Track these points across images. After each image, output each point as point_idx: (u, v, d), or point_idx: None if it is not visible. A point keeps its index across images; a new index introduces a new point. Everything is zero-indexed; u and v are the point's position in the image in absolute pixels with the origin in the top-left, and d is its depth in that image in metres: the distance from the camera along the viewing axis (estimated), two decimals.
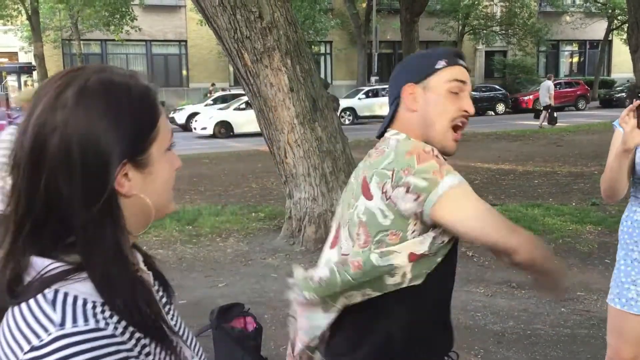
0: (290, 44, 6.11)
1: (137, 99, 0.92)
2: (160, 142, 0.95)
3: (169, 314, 1.06)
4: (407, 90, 1.63)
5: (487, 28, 33.40)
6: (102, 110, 0.87)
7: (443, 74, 1.60)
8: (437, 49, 1.68)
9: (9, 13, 25.05)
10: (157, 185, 0.95)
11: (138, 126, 0.91)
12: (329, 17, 30.66)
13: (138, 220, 0.95)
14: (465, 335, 4.29)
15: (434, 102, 1.60)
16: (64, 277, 0.85)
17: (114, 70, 0.94)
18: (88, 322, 0.81)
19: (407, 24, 17.18)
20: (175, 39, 33.04)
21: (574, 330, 4.33)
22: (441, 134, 1.62)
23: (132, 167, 0.90)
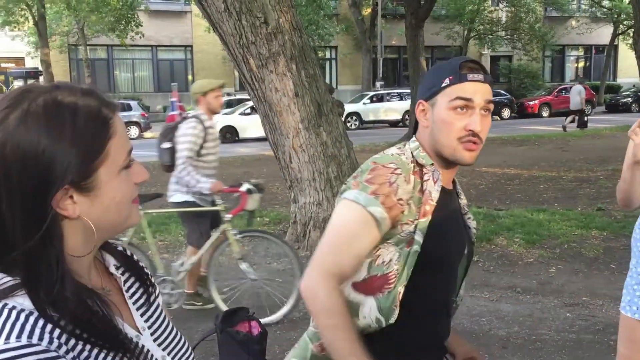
0: (295, 49, 6.13)
1: (82, 123, 0.91)
2: (110, 164, 0.94)
3: (144, 315, 1.08)
4: (419, 107, 1.65)
5: (492, 33, 33.38)
6: (43, 135, 0.88)
7: (447, 93, 1.58)
8: (451, 63, 1.63)
9: (16, 19, 25.20)
10: (107, 205, 0.95)
11: (81, 151, 0.90)
12: (334, 23, 30.72)
13: (84, 241, 0.96)
14: (470, 340, 4.28)
15: (439, 122, 1.60)
16: (12, 290, 0.87)
17: (67, 89, 0.93)
18: (20, 338, 0.83)
19: (412, 29, 17.18)
20: (181, 44, 33.16)
21: (579, 335, 4.32)
22: (450, 150, 1.61)
23: (75, 191, 0.91)
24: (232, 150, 17.84)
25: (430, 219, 1.57)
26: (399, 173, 1.55)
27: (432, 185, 1.61)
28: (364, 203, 1.51)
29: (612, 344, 4.12)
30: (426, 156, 1.63)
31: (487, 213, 7.89)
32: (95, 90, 0.97)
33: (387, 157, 1.60)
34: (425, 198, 1.58)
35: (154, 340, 1.07)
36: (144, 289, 1.11)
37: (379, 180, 1.53)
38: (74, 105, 0.92)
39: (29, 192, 0.87)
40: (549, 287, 5.30)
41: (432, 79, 1.63)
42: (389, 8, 33.26)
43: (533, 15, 33.03)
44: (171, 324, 1.15)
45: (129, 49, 28.97)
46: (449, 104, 1.57)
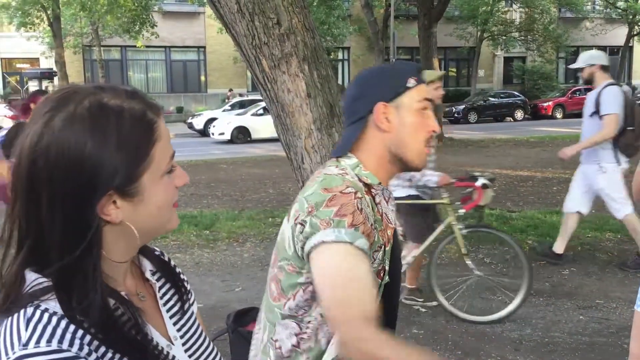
0: (307, 50, 6.12)
1: (127, 127, 0.89)
2: (154, 169, 0.92)
3: (177, 324, 1.06)
4: (379, 110, 1.51)
5: (506, 34, 33.22)
6: (88, 139, 0.85)
7: (414, 93, 1.52)
8: (401, 64, 1.58)
9: (32, 20, 25.43)
10: (150, 210, 0.93)
11: (127, 156, 0.88)
12: (347, 24, 30.72)
13: (125, 246, 0.94)
14: (483, 342, 4.27)
15: (409, 125, 1.51)
16: (46, 292, 0.86)
17: (111, 91, 0.91)
18: (51, 343, 0.82)
19: (425, 30, 17.14)
20: (194, 45, 33.30)
21: (592, 338, 4.28)
22: (417, 153, 1.53)
23: (119, 196, 0.89)
24: (244, 151, 17.89)
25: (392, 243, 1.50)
26: (360, 197, 1.43)
27: (385, 206, 1.53)
28: (350, 239, 1.35)
29: (626, 347, 4.07)
30: (370, 174, 1.52)
31: (500, 215, 7.86)
32: (138, 92, 0.94)
33: (335, 179, 1.45)
34: (384, 222, 1.50)
35: (185, 350, 1.04)
36: (179, 297, 1.09)
37: (349, 210, 1.38)
38: (120, 108, 0.89)
39: (71, 197, 0.85)
40: (562, 290, 5.27)
41: (389, 79, 1.53)
42: (401, 9, 33.19)
43: (547, 16, 32.84)
44: (204, 334, 1.12)
45: (142, 49, 29.13)
46: (416, 105, 1.51)
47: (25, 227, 0.87)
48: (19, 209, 0.87)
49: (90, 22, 26.70)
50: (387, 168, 1.54)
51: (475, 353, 4.10)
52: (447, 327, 4.55)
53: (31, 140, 0.86)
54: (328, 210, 1.38)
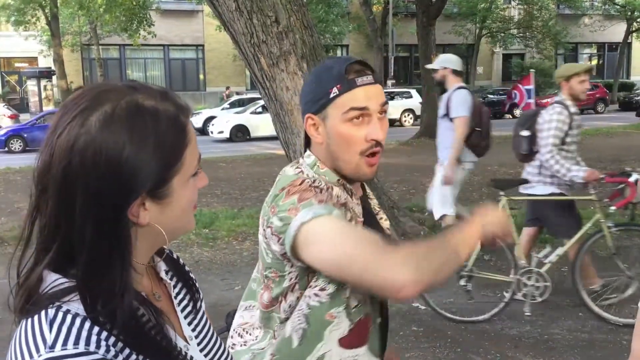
0: (306, 47, 6.13)
1: (163, 129, 0.88)
2: (184, 172, 0.91)
3: (191, 324, 1.05)
4: (308, 122, 1.46)
5: (504, 31, 33.23)
6: (125, 141, 0.84)
7: (338, 104, 1.39)
8: (334, 67, 1.42)
9: (28, 19, 25.42)
10: (175, 212, 0.92)
11: (162, 160, 0.87)
12: (346, 21, 30.71)
13: (149, 247, 0.94)
14: (482, 339, 4.27)
15: (335, 136, 1.41)
16: (68, 293, 0.85)
17: (145, 91, 0.90)
18: (78, 345, 0.81)
19: (423, 28, 17.13)
20: (192, 43, 33.29)
21: (591, 335, 4.29)
22: (351, 166, 1.43)
23: (149, 198, 0.88)
24: (243, 149, 17.88)
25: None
26: (317, 185, 1.39)
27: (350, 201, 1.45)
28: (326, 212, 1.30)
29: (625, 343, 4.09)
30: (328, 172, 1.46)
31: None
32: (169, 93, 0.93)
33: (290, 177, 1.43)
34: (353, 216, 1.43)
35: (201, 350, 1.04)
36: (191, 296, 1.08)
37: (309, 194, 1.34)
38: (155, 109, 0.88)
39: (106, 199, 0.83)
40: (561, 286, 5.26)
41: (315, 89, 1.43)
42: (400, 6, 33.19)
43: (546, 13, 32.83)
44: (214, 332, 1.12)
45: (141, 48, 29.11)
46: (342, 117, 1.39)
47: (55, 226, 0.85)
48: (51, 209, 0.85)
49: (88, 20, 26.69)
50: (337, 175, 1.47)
51: (474, 350, 4.11)
52: (447, 324, 4.55)
53: (67, 140, 0.84)
54: (289, 200, 1.35)
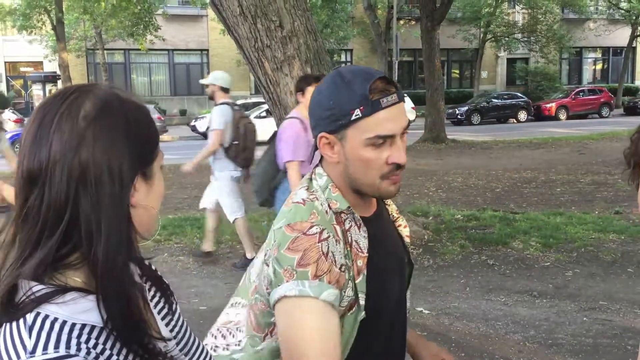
0: (310, 52, 6.15)
1: (145, 116, 0.96)
2: (159, 158, 0.98)
3: (169, 325, 1.07)
4: (322, 141, 1.35)
5: (509, 35, 33.22)
6: (123, 125, 0.90)
7: (361, 127, 1.29)
8: (356, 83, 1.29)
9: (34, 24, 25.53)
10: (155, 198, 0.97)
11: (147, 140, 0.95)
12: (350, 26, 30.75)
13: (142, 230, 0.96)
14: (486, 344, 4.27)
15: (355, 160, 1.33)
16: (46, 299, 0.86)
17: (117, 88, 0.97)
18: (58, 349, 0.82)
19: (428, 32, 17.15)
20: (197, 48, 33.37)
21: (596, 339, 4.28)
22: (372, 188, 1.36)
23: (141, 177, 0.93)
24: None
25: (365, 274, 1.35)
26: (326, 237, 1.29)
27: (356, 232, 1.36)
28: (315, 293, 1.24)
29: (630, 348, 4.08)
30: (340, 197, 1.37)
31: (503, 216, 7.84)
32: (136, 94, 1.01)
33: (301, 212, 1.32)
34: (354, 252, 1.34)
35: (180, 350, 1.07)
36: (166, 298, 1.10)
37: (312, 258, 1.26)
38: (133, 101, 0.96)
39: (115, 180, 0.88)
40: (565, 291, 5.26)
41: (333, 106, 1.31)
42: (404, 11, 33.21)
43: (550, 17, 32.82)
44: (193, 333, 1.14)
45: (146, 53, 29.20)
46: (364, 141, 1.30)
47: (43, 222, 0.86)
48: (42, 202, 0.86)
49: (93, 25, 26.79)
50: (353, 194, 1.39)
51: (478, 355, 4.10)
52: (451, 328, 4.55)
53: (66, 130, 0.86)
54: (290, 257, 1.27)
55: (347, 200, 1.37)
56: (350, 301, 1.32)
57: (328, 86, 1.34)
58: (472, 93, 32.89)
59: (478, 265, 6.03)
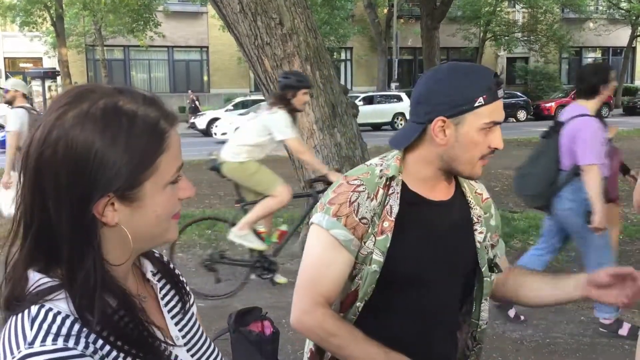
0: (310, 50, 6.15)
1: (137, 133, 0.89)
2: (158, 178, 0.92)
3: (179, 324, 1.07)
4: (437, 124, 1.47)
5: (509, 34, 33.22)
6: (97, 138, 0.86)
7: (480, 113, 1.45)
8: (478, 74, 1.47)
9: (34, 20, 25.49)
10: (148, 218, 0.93)
11: (132, 162, 0.89)
12: (350, 24, 30.73)
13: (120, 249, 0.94)
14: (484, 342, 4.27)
15: (464, 143, 1.48)
16: (50, 292, 0.87)
17: (129, 95, 0.92)
18: (56, 342, 0.83)
19: (428, 31, 17.17)
20: (196, 45, 33.34)
21: (593, 339, 4.28)
22: (469, 168, 1.53)
23: (118, 199, 0.89)
24: None
25: (391, 236, 1.50)
26: (361, 190, 1.51)
27: (395, 199, 1.52)
28: (326, 226, 1.50)
29: (627, 347, 4.08)
30: (395, 166, 1.54)
31: (502, 215, 7.83)
32: (157, 100, 0.95)
33: (359, 170, 1.58)
34: (384, 214, 1.51)
35: (187, 350, 1.06)
36: (180, 297, 1.10)
37: (340, 200, 1.51)
38: (133, 113, 0.90)
39: (76, 194, 0.86)
40: None
41: (455, 93, 1.45)
42: (404, 9, 33.22)
43: (550, 17, 32.82)
44: (205, 334, 1.13)
45: (146, 49, 29.17)
46: (481, 125, 1.46)
47: (30, 216, 0.88)
48: (26, 199, 0.89)
49: (93, 21, 26.75)
50: (436, 173, 1.55)
51: None
52: None
53: (42, 132, 0.87)
54: (329, 195, 1.54)
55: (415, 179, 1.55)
56: (369, 252, 1.50)
57: (448, 76, 1.49)
58: None
59: None
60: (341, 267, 1.51)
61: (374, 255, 1.49)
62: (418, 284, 1.55)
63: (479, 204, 1.67)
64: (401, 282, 1.54)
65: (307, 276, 1.54)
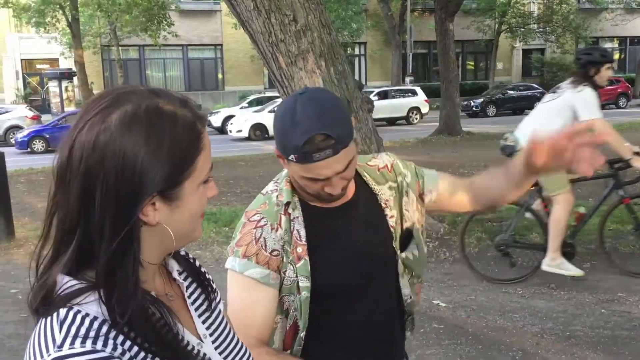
0: (324, 46, 6.14)
1: (180, 133, 0.92)
2: (195, 178, 0.94)
3: (206, 322, 1.08)
4: (277, 156, 1.53)
5: (524, 26, 32.92)
6: (143, 141, 0.87)
7: (294, 168, 1.47)
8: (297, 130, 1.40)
9: (50, 21, 25.71)
10: (184, 216, 0.95)
11: (175, 163, 0.90)
12: (364, 18, 30.64)
13: (158, 248, 0.96)
14: (504, 336, 4.26)
15: (297, 179, 1.51)
16: (78, 295, 0.88)
17: (166, 97, 0.94)
18: (85, 344, 0.84)
19: (442, 24, 17.04)
20: (210, 43, 33.44)
21: (614, 331, 4.25)
22: (312, 198, 1.54)
23: (160, 199, 0.91)
24: (262, 148, 17.95)
25: (307, 259, 1.49)
26: (263, 224, 1.50)
27: (299, 223, 1.52)
28: (240, 270, 1.49)
29: None
30: (287, 191, 1.55)
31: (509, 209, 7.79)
32: (189, 101, 0.97)
33: (257, 202, 1.57)
34: (294, 241, 1.50)
35: (216, 348, 1.06)
36: (206, 295, 1.11)
37: (246, 241, 1.50)
38: (174, 114, 0.92)
39: (123, 196, 0.87)
40: (583, 283, 5.23)
41: (281, 140, 1.46)
42: (418, 2, 33.07)
43: (566, 7, 32.46)
44: (233, 331, 1.14)
45: (160, 48, 29.30)
46: (300, 176, 1.47)
47: (76, 221, 0.88)
48: (72, 204, 0.88)
49: (108, 21, 26.93)
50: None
51: (496, 347, 4.09)
52: (467, 321, 4.54)
53: (88, 136, 0.87)
54: (236, 237, 1.53)
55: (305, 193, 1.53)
56: (294, 283, 1.50)
57: (281, 118, 1.46)
58: (487, 85, 32.68)
59: (494, 258, 6.00)
60: (266, 305, 1.50)
61: (300, 283, 1.49)
62: (350, 290, 1.57)
63: (385, 181, 1.65)
64: (333, 296, 1.55)
65: (235, 323, 1.39)
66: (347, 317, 1.57)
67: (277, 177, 1.62)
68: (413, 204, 1.67)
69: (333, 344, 1.56)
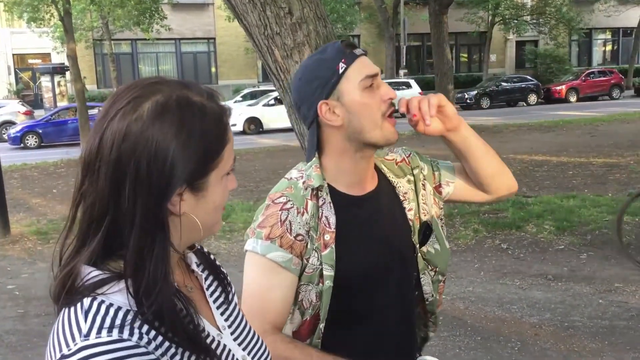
0: (320, 39, 6.09)
1: (210, 124, 0.93)
2: (220, 169, 0.95)
3: (224, 314, 1.08)
4: (322, 109, 1.46)
5: (517, 18, 32.90)
6: (174, 132, 0.88)
7: (350, 76, 1.44)
8: (326, 49, 1.49)
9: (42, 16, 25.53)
10: (208, 207, 0.96)
11: (204, 153, 0.91)
12: (357, 11, 30.57)
13: (184, 238, 0.96)
14: (502, 327, 4.27)
15: (356, 110, 1.45)
16: (102, 285, 0.88)
17: (195, 89, 0.94)
18: (111, 333, 0.84)
19: (436, 16, 17.01)
20: (204, 36, 33.31)
21: (612, 321, 4.27)
22: (378, 132, 1.47)
23: (188, 189, 0.91)
24: (257, 142, 17.91)
25: (334, 247, 1.46)
26: (289, 207, 1.46)
27: (329, 209, 1.48)
28: (261, 252, 1.44)
29: None
30: (317, 176, 1.50)
31: (515, 200, 7.81)
32: (215, 93, 0.98)
33: (282, 185, 1.53)
34: (322, 227, 1.47)
35: (234, 339, 1.07)
36: (223, 288, 1.12)
37: (270, 222, 1.45)
38: (203, 105, 0.93)
39: (153, 184, 0.87)
40: (580, 274, 5.25)
41: (317, 75, 1.46)
42: None
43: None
44: (249, 324, 1.14)
45: (153, 42, 29.14)
46: (359, 85, 1.44)
47: (104, 210, 0.88)
48: (101, 192, 0.88)
49: (100, 16, 26.76)
50: (354, 159, 1.50)
51: (494, 338, 4.11)
52: (466, 312, 4.55)
53: (119, 125, 0.87)
54: (257, 218, 1.49)
55: (338, 179, 1.52)
56: (318, 271, 1.46)
57: (305, 68, 1.51)
58: (481, 77, 32.69)
59: (492, 249, 6.03)
60: (285, 290, 1.45)
61: (324, 271, 1.46)
62: (372, 282, 1.54)
63: (404, 175, 1.65)
64: (355, 287, 1.51)
65: (251, 307, 1.42)
66: (365, 309, 1.54)
67: (299, 165, 1.59)
68: (430, 197, 1.66)
69: (348, 338, 1.53)
